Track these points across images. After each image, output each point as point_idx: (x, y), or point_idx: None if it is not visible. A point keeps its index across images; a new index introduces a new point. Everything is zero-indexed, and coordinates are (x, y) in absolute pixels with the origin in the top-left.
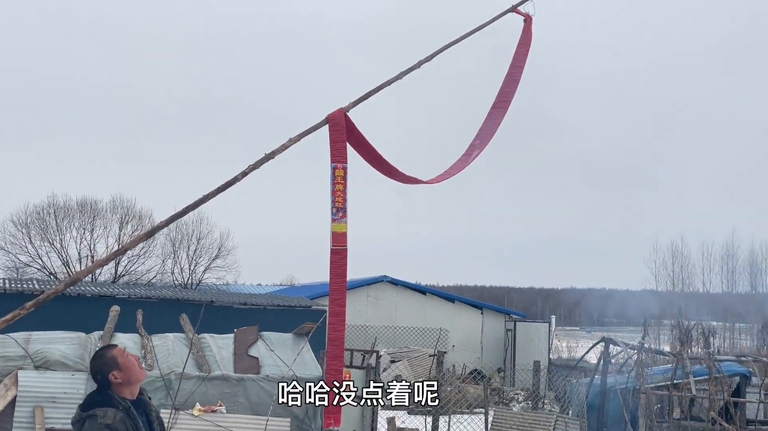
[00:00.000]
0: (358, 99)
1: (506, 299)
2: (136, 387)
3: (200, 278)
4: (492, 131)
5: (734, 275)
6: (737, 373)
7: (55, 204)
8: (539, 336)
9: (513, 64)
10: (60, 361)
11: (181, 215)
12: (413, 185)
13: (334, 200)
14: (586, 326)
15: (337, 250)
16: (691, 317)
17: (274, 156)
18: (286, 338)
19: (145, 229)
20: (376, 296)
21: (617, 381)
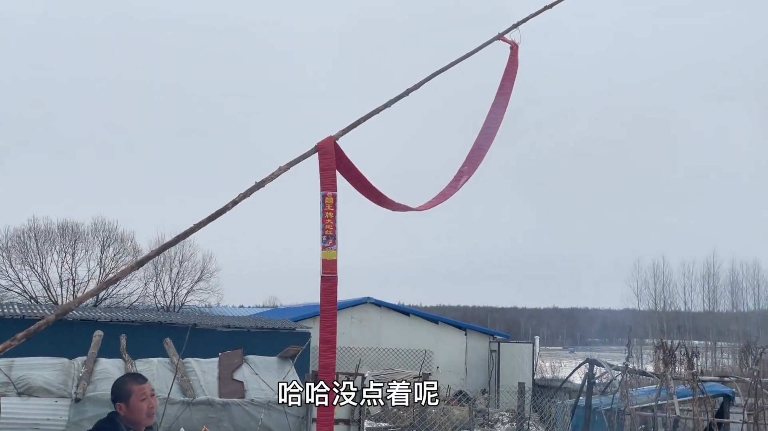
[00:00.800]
0: (347, 127)
1: (489, 320)
2: (141, 427)
3: (183, 301)
4: (480, 157)
5: (715, 294)
6: (721, 393)
7: (36, 228)
8: (523, 357)
9: (500, 92)
10: (43, 387)
11: (172, 244)
12: (402, 212)
13: (324, 228)
14: (568, 346)
15: (327, 277)
16: (673, 336)
17: (265, 185)
18: (271, 361)
19: (128, 252)
20: (360, 317)
21: (602, 402)
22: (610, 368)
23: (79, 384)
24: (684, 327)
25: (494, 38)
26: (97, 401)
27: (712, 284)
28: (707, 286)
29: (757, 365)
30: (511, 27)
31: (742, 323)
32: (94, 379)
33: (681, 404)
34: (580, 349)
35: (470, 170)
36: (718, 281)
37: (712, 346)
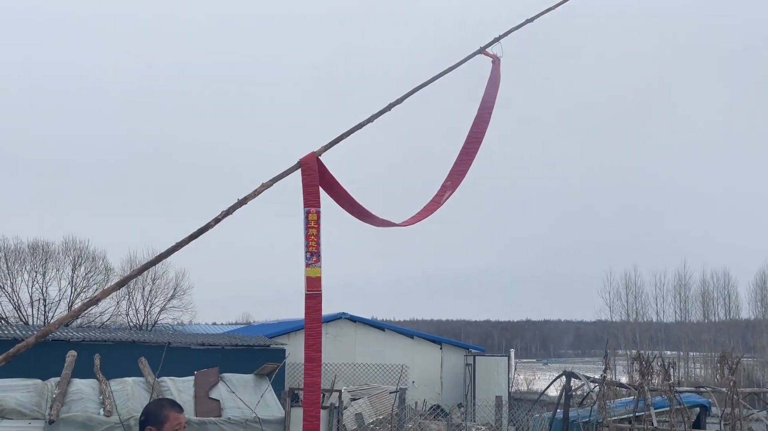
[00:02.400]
0: (330, 143)
1: (463, 333)
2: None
3: (156, 319)
4: (463, 172)
5: (687, 304)
6: (697, 404)
7: (6, 248)
8: (499, 370)
9: (482, 105)
10: (16, 409)
11: (153, 264)
12: (386, 227)
13: (308, 245)
14: (542, 358)
15: (311, 295)
16: (646, 347)
17: (247, 202)
18: (247, 379)
19: (99, 271)
20: (335, 333)
21: (579, 415)
22: (587, 380)
23: (53, 405)
24: (656, 338)
25: (476, 52)
26: (70, 422)
27: (684, 295)
28: (679, 296)
29: (733, 375)
30: (492, 41)
31: (713, 332)
32: (67, 400)
33: (658, 415)
34: (553, 361)
35: (454, 185)
36: (689, 291)
37: (684, 356)
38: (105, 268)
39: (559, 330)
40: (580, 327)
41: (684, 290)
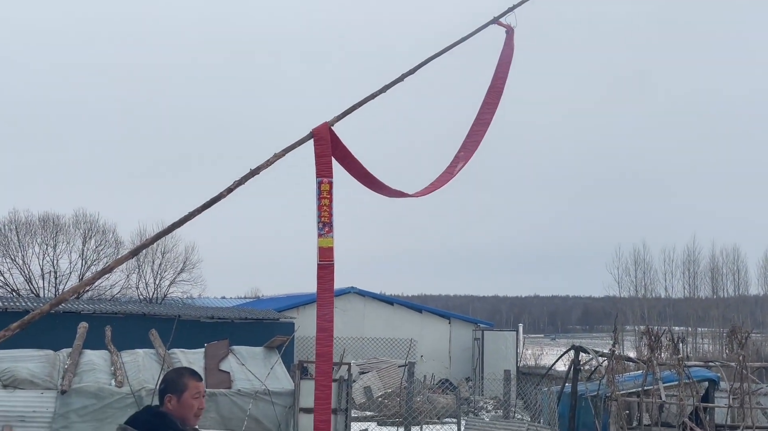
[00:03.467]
0: (342, 113)
1: (471, 308)
2: (186, 426)
3: (165, 293)
4: (476, 143)
5: (696, 280)
6: (706, 378)
7: (17, 220)
8: (507, 345)
9: (496, 76)
10: (28, 379)
11: (167, 233)
12: (399, 198)
13: (320, 215)
14: (550, 333)
15: (324, 265)
16: (654, 323)
17: (259, 172)
18: (257, 351)
19: (110, 244)
20: (344, 307)
21: (588, 389)
22: (595, 354)
23: (65, 375)
24: (665, 313)
25: (490, 22)
26: (82, 393)
27: (693, 271)
28: (688, 272)
29: (742, 349)
30: (506, 11)
31: (722, 308)
32: (79, 371)
33: (666, 389)
34: (561, 337)
35: (467, 156)
36: (698, 267)
37: (692, 332)
38: (115, 241)
39: (567, 306)
40: (588, 302)
41: (693, 265)
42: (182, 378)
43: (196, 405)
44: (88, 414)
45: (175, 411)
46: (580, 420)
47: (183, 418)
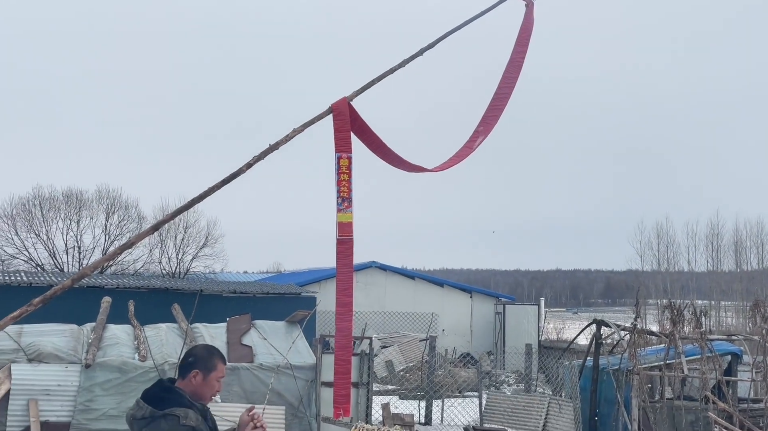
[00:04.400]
0: (361, 88)
1: (492, 282)
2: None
3: (188, 267)
4: (496, 117)
5: (719, 253)
6: (729, 352)
7: (41, 196)
8: (529, 319)
9: (515, 50)
10: (53, 353)
11: (187, 208)
12: (418, 173)
13: (339, 190)
14: (572, 307)
15: (343, 240)
16: (677, 296)
17: (279, 147)
18: (278, 326)
19: (132, 219)
20: (366, 282)
21: (609, 363)
22: (617, 328)
23: (89, 350)
24: (687, 287)
25: None
26: (106, 366)
27: (716, 244)
28: (711, 246)
29: (766, 323)
30: None
31: (746, 282)
32: (103, 345)
33: (689, 363)
34: (583, 310)
35: (486, 130)
36: (721, 240)
37: (716, 305)
38: (138, 216)
39: (589, 279)
40: (610, 276)
41: (716, 239)
42: (213, 358)
43: (216, 387)
44: (112, 387)
45: (196, 387)
46: (602, 394)
47: (199, 395)
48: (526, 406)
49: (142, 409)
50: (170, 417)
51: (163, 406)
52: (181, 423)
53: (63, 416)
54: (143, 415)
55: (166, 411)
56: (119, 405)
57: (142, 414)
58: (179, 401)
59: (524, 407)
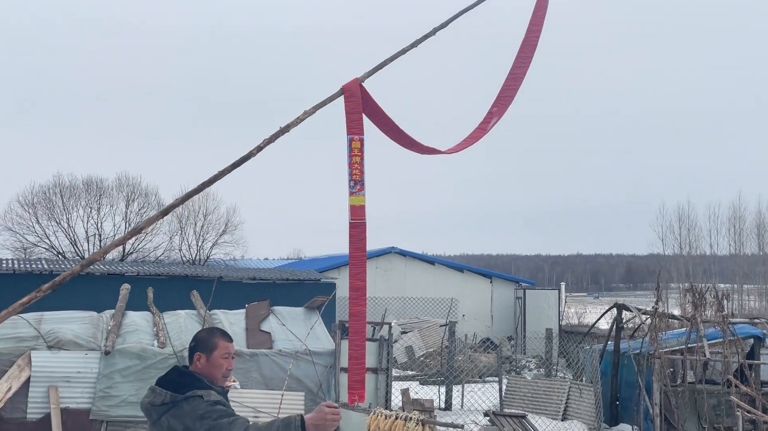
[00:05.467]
0: (373, 68)
1: (513, 267)
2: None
3: (208, 254)
4: (510, 98)
5: (741, 236)
6: (751, 335)
7: (61, 184)
8: (549, 304)
9: (529, 29)
10: (73, 341)
11: (196, 192)
12: (431, 155)
13: (351, 173)
14: (593, 292)
15: (355, 224)
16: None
17: (289, 129)
18: (297, 312)
19: (152, 206)
20: (385, 267)
21: (630, 347)
22: (638, 312)
23: (108, 336)
24: (710, 271)
25: None
26: (126, 353)
27: (738, 227)
28: (733, 229)
29: None
30: None
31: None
32: (122, 332)
33: (711, 346)
34: (605, 295)
35: (500, 111)
36: (744, 223)
37: (738, 289)
38: (157, 203)
39: (611, 264)
40: (631, 260)
41: (739, 222)
42: (213, 338)
43: (224, 365)
44: (131, 374)
45: (204, 370)
46: (623, 378)
47: (211, 377)
48: (547, 391)
49: (161, 395)
50: (192, 398)
51: (184, 390)
52: (205, 399)
53: (83, 403)
54: (163, 401)
55: (188, 394)
56: (138, 392)
57: (162, 400)
58: (198, 384)
59: (545, 392)
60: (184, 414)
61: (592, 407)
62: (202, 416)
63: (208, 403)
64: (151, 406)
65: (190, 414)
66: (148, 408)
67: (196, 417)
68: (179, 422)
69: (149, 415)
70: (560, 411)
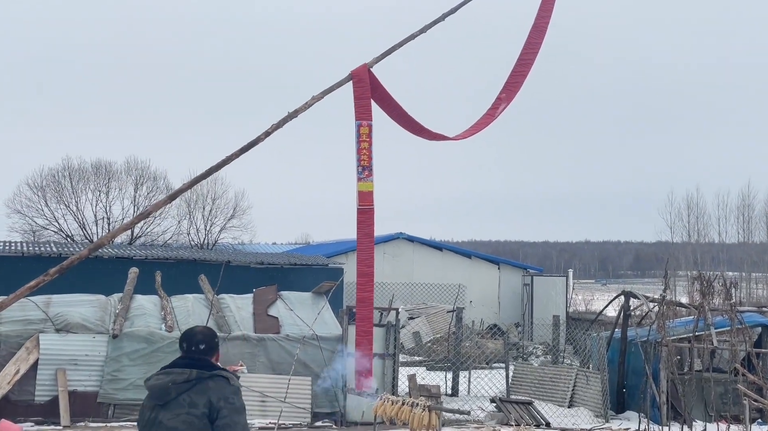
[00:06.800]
0: (381, 54)
1: (521, 254)
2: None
3: (216, 239)
4: (519, 84)
5: (750, 225)
6: (759, 324)
7: (70, 167)
8: (557, 290)
9: (539, 15)
10: (81, 324)
11: (204, 177)
12: (439, 141)
13: (359, 159)
14: (601, 279)
15: (363, 209)
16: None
17: (298, 115)
18: (305, 297)
19: (161, 190)
20: (393, 253)
21: (638, 334)
22: (646, 300)
23: (116, 320)
24: (718, 259)
25: None
26: (133, 337)
27: (747, 215)
28: (742, 217)
29: None
30: None
31: None
32: (130, 315)
33: (718, 335)
34: (612, 282)
35: (508, 98)
36: (753, 211)
37: (746, 277)
38: (166, 187)
39: (619, 251)
40: (639, 248)
41: (747, 210)
42: (216, 338)
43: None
44: (139, 357)
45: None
46: (630, 365)
47: None
48: (554, 378)
49: (185, 373)
50: (218, 377)
51: (210, 370)
52: (231, 383)
53: (90, 385)
54: (188, 378)
55: (214, 372)
56: (146, 375)
57: (186, 377)
58: (221, 370)
59: (551, 378)
60: (210, 390)
61: (599, 394)
62: (227, 398)
63: (234, 388)
64: (173, 384)
65: (216, 391)
66: (168, 387)
67: (222, 397)
68: (202, 397)
69: (166, 394)
70: (567, 398)
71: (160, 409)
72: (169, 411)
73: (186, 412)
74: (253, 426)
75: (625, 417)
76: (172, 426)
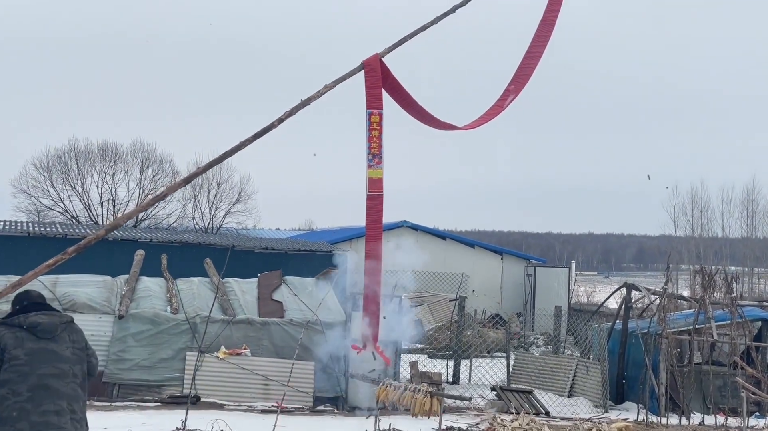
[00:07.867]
0: (393, 44)
1: (524, 245)
2: None
3: (221, 223)
4: (527, 76)
5: (754, 220)
6: (759, 318)
7: (77, 148)
8: (559, 281)
9: (548, 8)
10: (87, 304)
11: (218, 162)
12: (448, 131)
13: (370, 146)
14: (603, 271)
15: (373, 196)
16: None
17: (310, 102)
18: (309, 282)
19: (166, 174)
20: (396, 241)
21: (638, 326)
22: (647, 292)
23: (122, 301)
24: (721, 253)
25: None
26: (139, 318)
27: (752, 210)
28: (746, 212)
29: None
30: None
31: None
32: (136, 297)
33: (718, 328)
34: (615, 274)
35: (517, 89)
36: (757, 206)
37: (749, 272)
38: (172, 171)
39: (622, 244)
40: (643, 240)
41: (752, 205)
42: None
43: None
44: (144, 339)
45: None
46: (630, 357)
47: None
48: (554, 367)
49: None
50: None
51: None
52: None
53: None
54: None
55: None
56: (151, 356)
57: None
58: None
59: (552, 368)
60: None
61: (599, 384)
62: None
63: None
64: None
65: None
66: (57, 325)
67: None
68: (78, 335)
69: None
70: (567, 388)
71: (49, 341)
72: (58, 343)
73: (72, 346)
74: (256, 408)
75: (624, 407)
76: (66, 357)
